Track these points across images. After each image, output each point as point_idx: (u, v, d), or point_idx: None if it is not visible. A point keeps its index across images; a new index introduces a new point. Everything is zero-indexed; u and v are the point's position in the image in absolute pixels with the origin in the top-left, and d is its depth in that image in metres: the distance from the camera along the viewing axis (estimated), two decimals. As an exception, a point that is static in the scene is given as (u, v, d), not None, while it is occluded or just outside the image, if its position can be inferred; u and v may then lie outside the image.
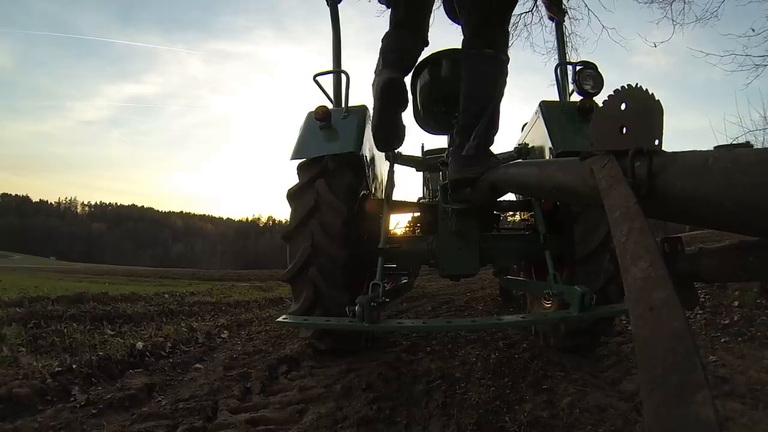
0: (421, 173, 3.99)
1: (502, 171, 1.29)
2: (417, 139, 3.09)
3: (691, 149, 0.63)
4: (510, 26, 2.20)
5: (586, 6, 7.59)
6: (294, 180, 2.25)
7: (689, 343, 0.43)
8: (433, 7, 2.15)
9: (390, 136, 2.01)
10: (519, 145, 2.62)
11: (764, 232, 0.57)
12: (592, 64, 2.16)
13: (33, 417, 1.60)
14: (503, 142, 3.52)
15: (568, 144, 2.03)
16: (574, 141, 2.03)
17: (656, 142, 0.69)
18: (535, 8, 8.01)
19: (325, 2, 2.49)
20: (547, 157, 2.17)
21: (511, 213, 3.27)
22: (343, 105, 2.35)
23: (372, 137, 2.06)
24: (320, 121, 2.18)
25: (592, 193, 0.74)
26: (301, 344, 2.64)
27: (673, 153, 0.65)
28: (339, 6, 2.54)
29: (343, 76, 2.42)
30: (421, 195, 4.14)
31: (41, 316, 3.54)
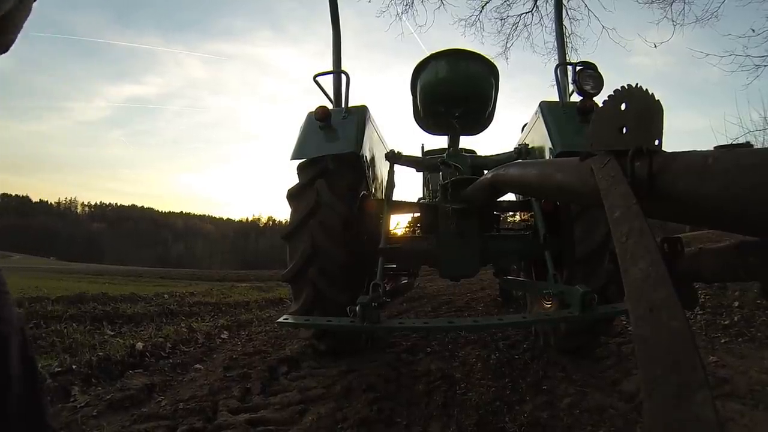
0: (421, 173, 3.99)
1: (502, 171, 1.29)
2: (417, 139, 3.09)
3: (691, 149, 0.63)
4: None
5: (586, 6, 7.60)
6: (294, 180, 2.25)
7: (689, 343, 0.43)
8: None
9: None
10: (519, 145, 2.62)
11: (764, 232, 0.57)
12: (592, 64, 2.15)
13: (33, 417, 1.60)
14: (503, 142, 3.51)
15: (568, 144, 2.03)
16: (574, 141, 2.03)
17: (656, 142, 0.69)
18: (535, 9, 8.02)
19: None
20: (547, 157, 2.17)
21: (511, 213, 3.27)
22: (343, 105, 2.35)
23: (372, 137, 2.06)
24: (320, 122, 2.18)
25: (592, 193, 0.74)
26: (301, 345, 2.64)
27: (673, 153, 0.64)
28: (339, 7, 2.54)
29: (343, 77, 2.42)
30: (421, 195, 4.13)
31: (41, 317, 3.54)
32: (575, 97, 2.34)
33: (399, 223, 3.48)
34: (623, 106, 0.72)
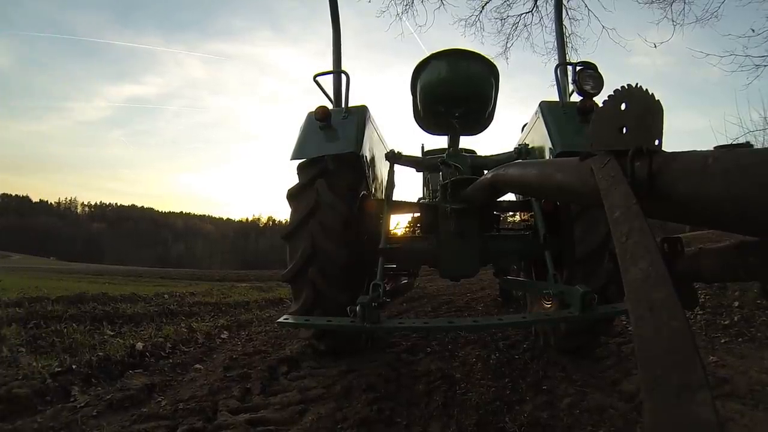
0: (421, 173, 3.99)
1: (502, 171, 1.29)
2: (417, 139, 3.10)
3: (691, 149, 0.63)
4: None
5: (586, 6, 7.60)
6: (294, 180, 2.25)
7: (689, 343, 0.43)
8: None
9: None
10: (519, 145, 2.62)
11: (764, 232, 0.57)
12: (592, 64, 2.16)
13: (33, 417, 1.60)
14: (503, 142, 3.52)
15: (568, 144, 2.03)
16: (574, 141, 2.03)
17: (656, 142, 0.69)
18: (535, 9, 8.03)
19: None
20: (547, 157, 2.17)
21: (511, 213, 3.27)
22: (343, 105, 2.35)
23: (372, 137, 2.06)
24: (320, 122, 2.18)
25: (592, 193, 0.74)
26: (301, 345, 2.64)
27: (673, 153, 0.64)
28: (339, 6, 2.54)
29: (343, 77, 2.42)
30: (421, 195, 4.14)
31: (41, 317, 3.54)
32: (575, 97, 2.34)
33: (399, 223, 3.49)
34: (623, 106, 0.72)
